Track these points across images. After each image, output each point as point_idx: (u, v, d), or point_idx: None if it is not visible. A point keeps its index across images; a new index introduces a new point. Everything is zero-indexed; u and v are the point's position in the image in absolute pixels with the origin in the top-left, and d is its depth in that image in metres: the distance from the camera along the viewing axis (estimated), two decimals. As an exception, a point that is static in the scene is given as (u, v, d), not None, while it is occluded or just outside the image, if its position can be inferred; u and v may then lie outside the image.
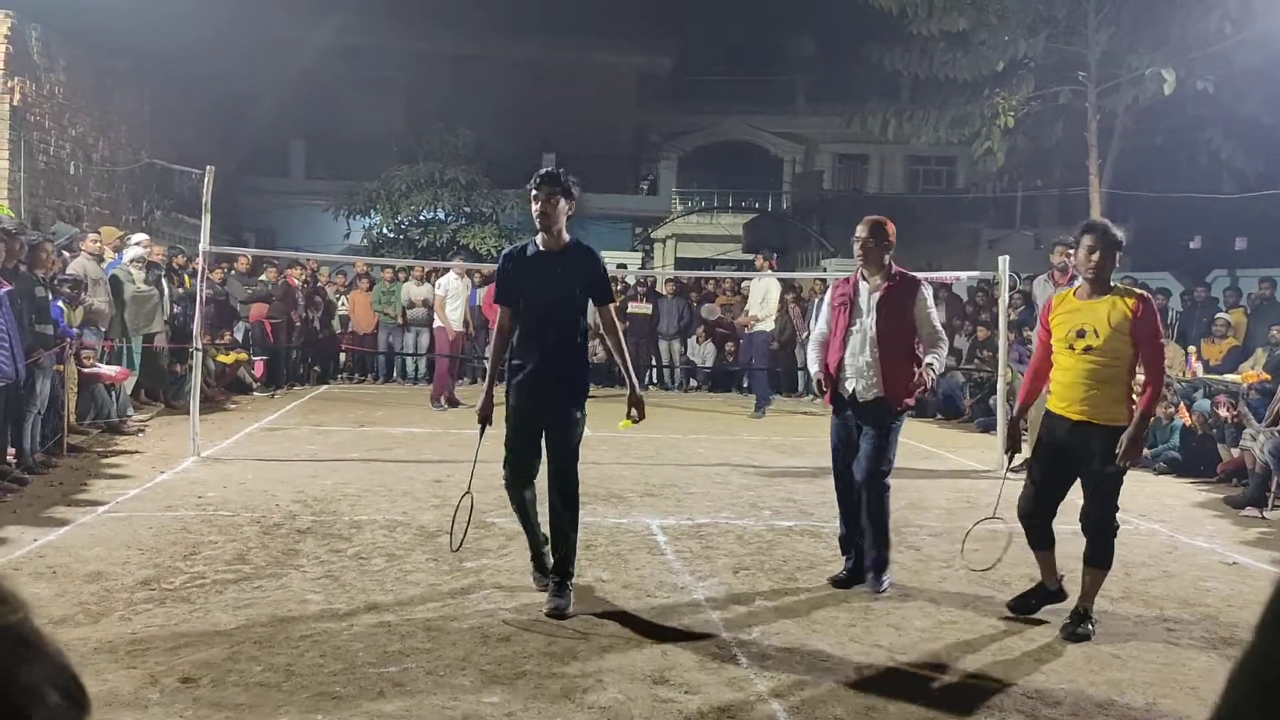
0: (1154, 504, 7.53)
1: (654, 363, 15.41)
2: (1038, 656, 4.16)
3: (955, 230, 24.07)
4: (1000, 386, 8.96)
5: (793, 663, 3.99)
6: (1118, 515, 4.48)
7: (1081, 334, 4.37)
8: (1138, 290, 4.52)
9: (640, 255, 24.22)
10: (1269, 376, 9.37)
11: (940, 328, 5.05)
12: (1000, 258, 9.04)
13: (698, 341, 15.18)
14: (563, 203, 4.48)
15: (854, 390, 4.95)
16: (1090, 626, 4.44)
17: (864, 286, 5.02)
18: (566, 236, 4.62)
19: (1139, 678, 3.95)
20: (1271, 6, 12.20)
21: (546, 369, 4.51)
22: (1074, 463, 4.45)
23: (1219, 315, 11.69)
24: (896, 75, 16.09)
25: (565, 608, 4.42)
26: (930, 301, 5.01)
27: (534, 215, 4.56)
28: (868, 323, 4.93)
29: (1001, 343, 8.96)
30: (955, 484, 8.09)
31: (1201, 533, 6.61)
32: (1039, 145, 16.06)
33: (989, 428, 10.63)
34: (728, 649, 4.11)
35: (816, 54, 28.76)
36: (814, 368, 5.17)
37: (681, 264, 25.91)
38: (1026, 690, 3.80)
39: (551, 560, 4.65)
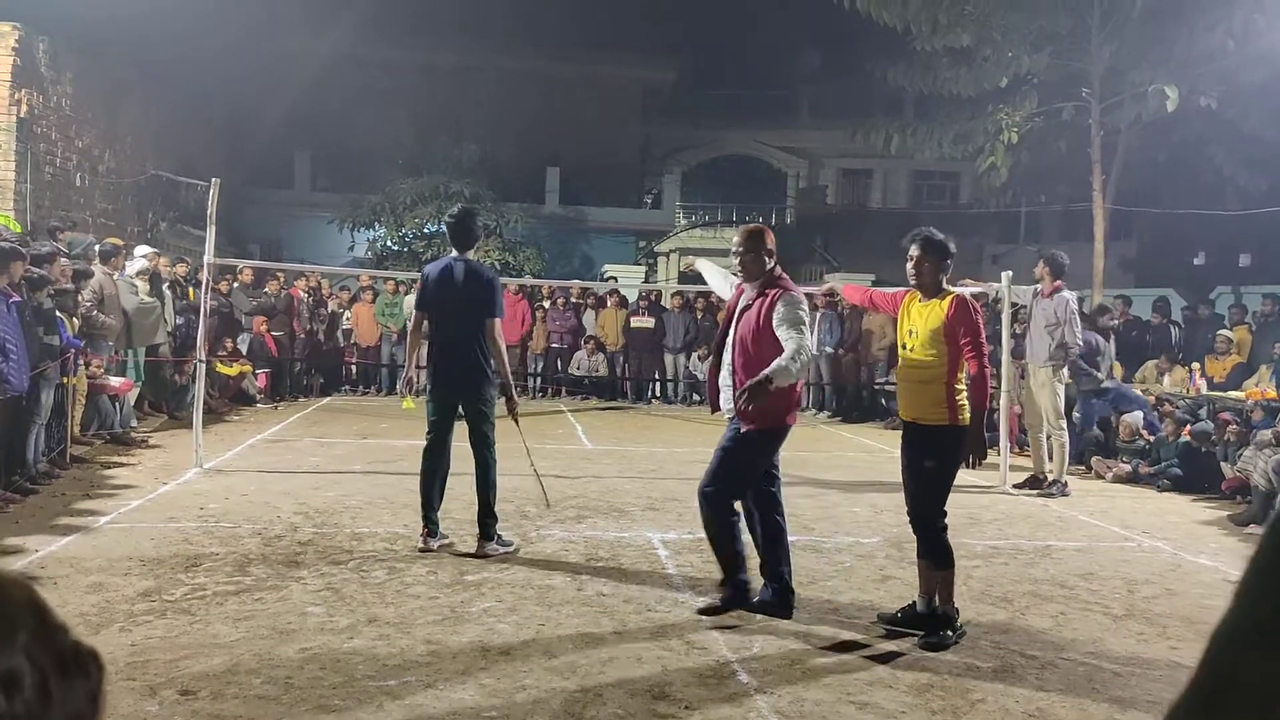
0: (1157, 521, 7.51)
1: (657, 376, 15.41)
2: (1039, 672, 4.14)
3: (959, 245, 24.05)
4: (1003, 402, 8.94)
5: (793, 678, 3.98)
6: (943, 519, 4.65)
7: (913, 333, 4.60)
8: (955, 291, 4.66)
9: (644, 269, 24.25)
10: (1274, 394, 9.35)
11: (796, 336, 4.49)
12: (1003, 273, 9.04)
13: (700, 359, 15.18)
14: None
15: (724, 405, 4.76)
16: (949, 634, 4.38)
17: (744, 296, 4.80)
18: None
19: (1141, 696, 3.93)
20: (1274, 23, 12.23)
21: None
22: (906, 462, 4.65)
23: (1220, 332, 11.66)
24: (900, 90, 16.16)
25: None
26: (789, 312, 4.55)
27: None
28: (732, 334, 4.75)
29: (1004, 358, 8.95)
30: (956, 499, 8.05)
31: (1205, 550, 6.58)
32: (1043, 161, 16.09)
33: (991, 444, 10.60)
34: (728, 664, 4.10)
35: (821, 69, 28.91)
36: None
37: (685, 278, 25.93)
38: (1028, 708, 3.78)
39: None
